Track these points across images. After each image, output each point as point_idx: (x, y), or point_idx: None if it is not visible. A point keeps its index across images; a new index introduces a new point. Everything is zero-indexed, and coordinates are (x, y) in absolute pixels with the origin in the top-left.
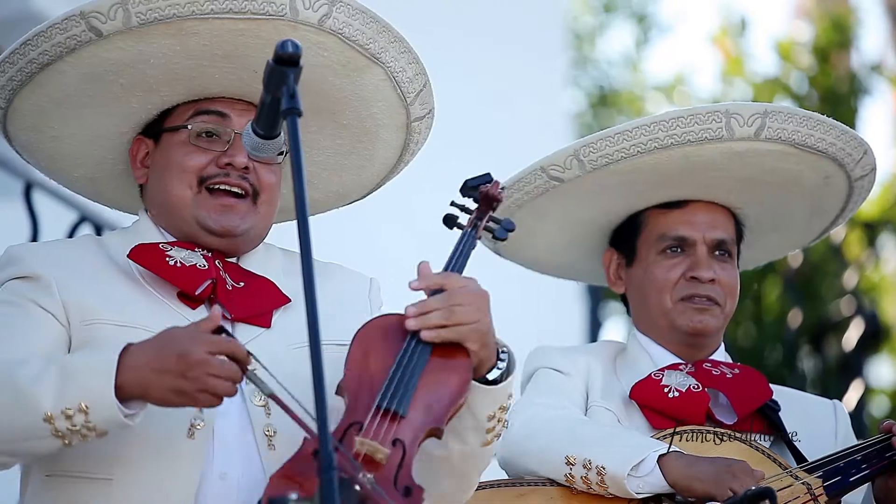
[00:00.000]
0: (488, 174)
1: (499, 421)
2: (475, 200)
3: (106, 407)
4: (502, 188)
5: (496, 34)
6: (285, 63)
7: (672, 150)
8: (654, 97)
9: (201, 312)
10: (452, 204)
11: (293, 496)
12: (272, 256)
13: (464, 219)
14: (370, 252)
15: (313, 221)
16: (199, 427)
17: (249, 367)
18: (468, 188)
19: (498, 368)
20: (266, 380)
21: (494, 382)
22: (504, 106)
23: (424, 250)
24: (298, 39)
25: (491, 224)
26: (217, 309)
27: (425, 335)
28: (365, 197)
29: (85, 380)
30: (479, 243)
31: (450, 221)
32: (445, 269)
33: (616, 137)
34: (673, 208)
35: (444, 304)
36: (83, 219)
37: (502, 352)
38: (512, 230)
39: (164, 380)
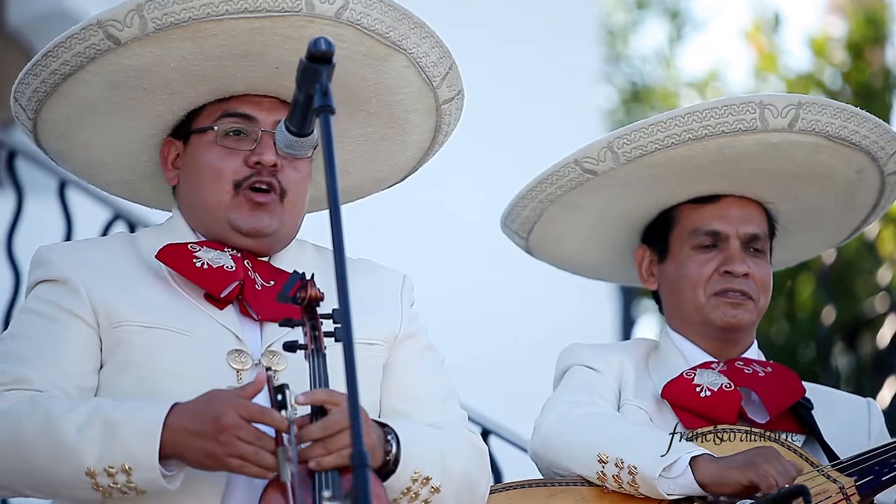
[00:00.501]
0: (296, 274)
1: (422, 485)
2: (296, 304)
3: (148, 469)
4: (315, 283)
5: (529, 31)
6: (318, 61)
7: (706, 141)
8: (688, 93)
9: (229, 313)
10: (281, 323)
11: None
12: (304, 253)
13: (298, 332)
14: (404, 248)
15: (347, 210)
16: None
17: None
18: (286, 298)
19: (387, 457)
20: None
21: (394, 467)
22: (537, 103)
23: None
24: (317, 33)
25: (326, 327)
26: (262, 374)
27: (312, 466)
28: (403, 180)
29: (129, 440)
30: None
31: (291, 349)
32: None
33: (650, 128)
34: (706, 203)
35: (323, 434)
36: (117, 216)
37: (388, 440)
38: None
39: (197, 443)
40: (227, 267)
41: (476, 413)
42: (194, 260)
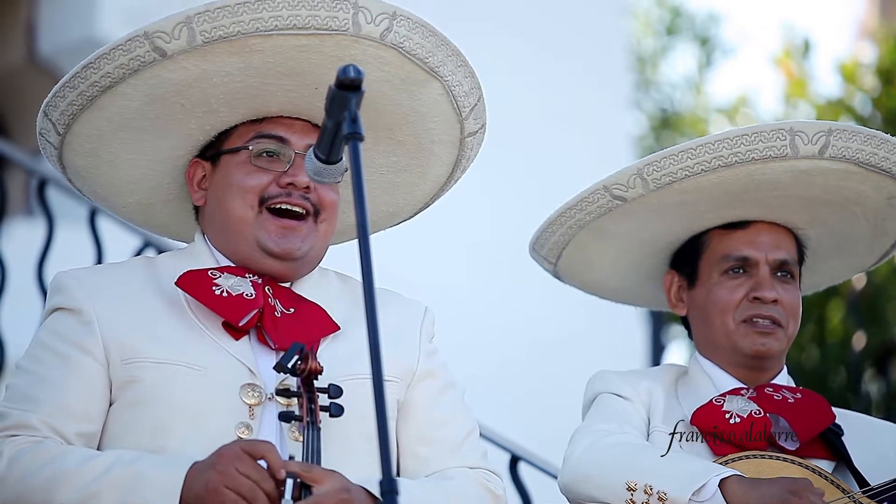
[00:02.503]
0: (296, 345)
1: None
2: (295, 375)
3: None
4: (314, 355)
5: (559, 57)
6: (347, 88)
7: (736, 168)
8: (717, 119)
9: (243, 345)
10: (278, 393)
11: None
12: (327, 281)
13: (292, 400)
14: (430, 273)
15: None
16: None
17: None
18: (283, 368)
19: None
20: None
21: None
22: (566, 129)
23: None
24: (360, 54)
25: (322, 401)
26: (276, 452)
27: None
28: (414, 216)
29: (148, 497)
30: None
31: (287, 419)
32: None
33: (680, 155)
34: (735, 229)
35: None
36: (147, 244)
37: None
38: (340, 395)
39: (200, 477)
40: (246, 294)
41: (505, 439)
42: (213, 287)
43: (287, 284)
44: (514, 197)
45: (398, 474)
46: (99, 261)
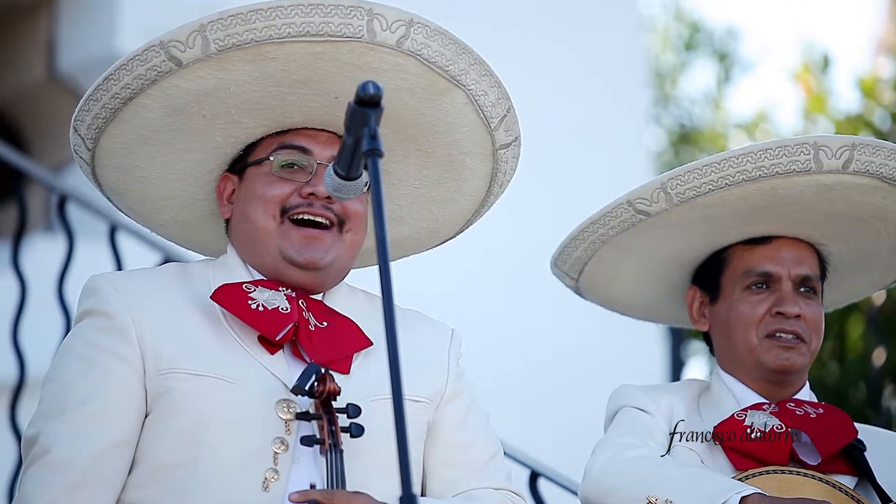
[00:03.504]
0: (313, 367)
1: None
2: (313, 397)
3: None
4: (333, 377)
5: (577, 72)
6: (366, 104)
7: (760, 182)
8: (736, 135)
9: (279, 359)
10: (297, 416)
11: None
12: (356, 298)
13: (314, 425)
14: (451, 288)
15: (399, 262)
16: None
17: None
18: (301, 391)
19: None
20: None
21: None
22: (585, 144)
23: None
24: (377, 62)
25: (342, 422)
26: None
27: None
28: (458, 234)
29: None
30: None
31: (309, 443)
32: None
33: (704, 169)
34: (758, 244)
35: None
36: (167, 260)
37: None
38: (359, 414)
39: None
40: (281, 308)
41: (525, 456)
42: (249, 301)
43: (318, 297)
44: (532, 212)
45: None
46: None
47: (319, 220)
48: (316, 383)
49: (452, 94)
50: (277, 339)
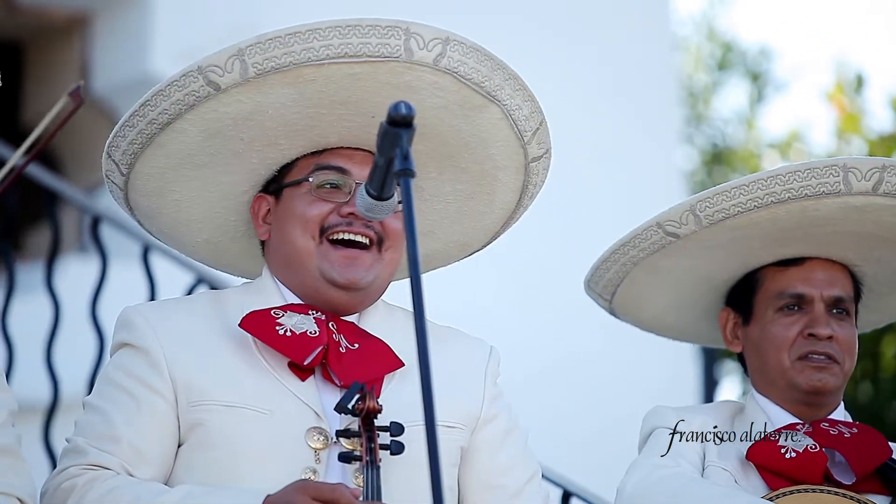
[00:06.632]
0: (356, 385)
1: None
2: (355, 415)
3: None
4: (373, 394)
5: (610, 92)
6: (398, 125)
7: (789, 204)
8: (770, 154)
9: (309, 385)
10: (339, 434)
11: None
12: (393, 317)
13: (354, 440)
14: (485, 308)
15: (428, 277)
16: None
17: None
18: (343, 408)
19: None
20: None
21: None
22: (617, 164)
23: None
24: (414, 80)
25: (383, 440)
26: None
27: None
28: (486, 246)
29: None
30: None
31: (346, 459)
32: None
33: (733, 192)
34: (790, 266)
35: None
36: (200, 280)
37: None
38: (401, 433)
39: None
40: (310, 332)
41: (557, 475)
42: (277, 327)
43: (352, 318)
44: (564, 232)
45: None
46: (152, 298)
47: (359, 238)
48: (359, 401)
49: (488, 109)
50: (306, 363)
